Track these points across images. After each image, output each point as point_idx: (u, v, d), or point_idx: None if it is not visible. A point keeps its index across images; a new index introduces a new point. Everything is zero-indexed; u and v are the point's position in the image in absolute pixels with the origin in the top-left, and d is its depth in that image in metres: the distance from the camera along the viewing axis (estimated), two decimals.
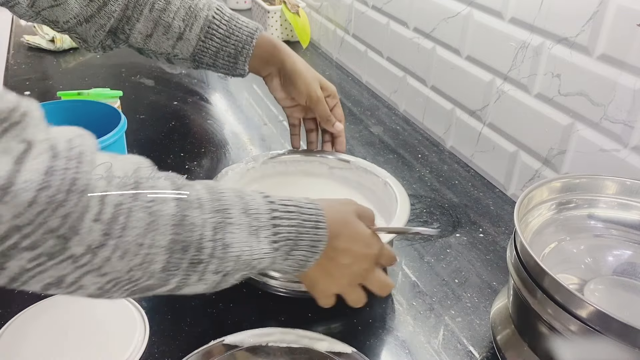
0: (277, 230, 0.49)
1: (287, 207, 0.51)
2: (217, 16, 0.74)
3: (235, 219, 0.46)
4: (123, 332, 0.63)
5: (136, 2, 0.72)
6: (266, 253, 0.49)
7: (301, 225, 0.51)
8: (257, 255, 0.48)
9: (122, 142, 0.76)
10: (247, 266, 0.48)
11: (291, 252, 0.51)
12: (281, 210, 0.50)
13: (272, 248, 0.49)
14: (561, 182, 0.65)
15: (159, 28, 0.73)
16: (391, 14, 1.20)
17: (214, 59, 0.75)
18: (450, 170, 1.01)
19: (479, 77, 0.96)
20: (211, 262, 0.45)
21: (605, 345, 0.47)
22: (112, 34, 0.74)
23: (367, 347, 0.64)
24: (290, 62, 0.76)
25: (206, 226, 0.44)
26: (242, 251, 0.47)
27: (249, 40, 0.75)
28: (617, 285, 0.61)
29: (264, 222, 0.49)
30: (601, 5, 0.72)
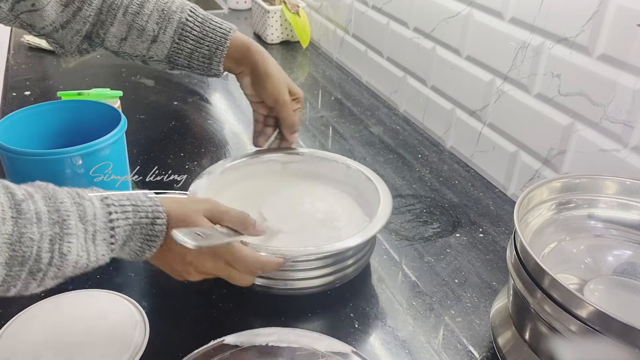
0: (114, 232, 0.52)
1: (124, 207, 0.54)
2: (190, 18, 0.75)
3: (72, 228, 0.49)
4: (123, 332, 0.63)
5: (110, 6, 0.72)
6: (103, 254, 0.52)
7: (137, 223, 0.54)
8: (94, 258, 0.51)
9: (122, 142, 0.76)
10: (86, 267, 0.51)
11: (125, 244, 0.54)
12: (119, 212, 0.53)
13: (109, 249, 0.53)
14: (561, 182, 0.65)
15: (133, 31, 0.74)
16: (391, 14, 1.20)
17: (188, 60, 0.76)
18: (450, 170, 1.01)
19: (479, 77, 0.96)
20: (49, 270, 0.48)
21: (605, 345, 0.47)
22: (87, 38, 0.75)
23: (367, 347, 0.64)
24: (263, 64, 0.77)
25: (43, 239, 0.47)
26: (78, 257, 0.49)
27: (222, 41, 0.76)
28: (617, 285, 0.61)
29: (101, 225, 0.51)
30: (601, 5, 0.72)
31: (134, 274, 0.73)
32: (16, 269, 0.46)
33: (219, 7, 1.92)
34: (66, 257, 0.48)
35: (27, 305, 0.65)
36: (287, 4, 1.52)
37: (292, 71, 1.46)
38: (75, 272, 0.51)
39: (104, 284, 0.71)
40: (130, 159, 0.79)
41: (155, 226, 0.55)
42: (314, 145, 1.08)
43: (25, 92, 1.21)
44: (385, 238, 0.82)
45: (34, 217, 0.47)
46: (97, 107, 0.81)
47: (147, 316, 0.65)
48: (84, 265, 0.50)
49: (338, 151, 1.05)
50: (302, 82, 1.39)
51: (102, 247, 0.52)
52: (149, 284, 0.71)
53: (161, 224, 0.55)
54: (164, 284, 0.71)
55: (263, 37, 1.62)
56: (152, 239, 0.55)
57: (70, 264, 0.49)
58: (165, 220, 0.56)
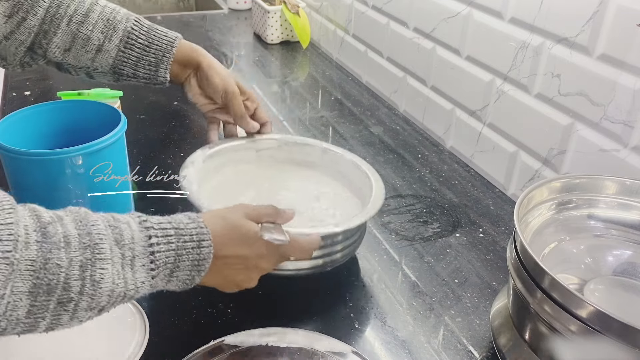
0: (154, 257, 0.49)
1: (165, 230, 0.50)
2: (135, 27, 0.74)
3: (106, 253, 0.45)
4: (123, 332, 0.63)
5: (53, 15, 0.71)
6: (143, 282, 0.48)
7: (182, 248, 0.51)
8: (132, 286, 0.48)
9: (122, 142, 0.76)
10: (124, 297, 0.48)
11: (173, 275, 0.51)
12: (160, 235, 0.50)
13: (149, 276, 0.49)
14: (561, 182, 0.65)
15: (78, 41, 0.72)
16: (391, 14, 1.20)
17: (134, 69, 0.76)
18: (450, 170, 1.01)
19: (479, 77, 0.96)
20: (81, 299, 0.44)
21: (605, 345, 0.47)
22: (29, 50, 0.73)
23: (367, 347, 0.64)
24: (207, 61, 0.77)
25: (73, 265, 0.43)
26: (115, 285, 0.46)
27: (169, 48, 0.75)
28: (617, 285, 0.61)
29: (140, 250, 0.48)
30: (601, 5, 0.72)
31: None
32: (42, 298, 0.42)
33: (219, 7, 1.91)
34: (99, 284, 0.44)
35: None
36: (287, 4, 1.52)
37: (292, 71, 1.46)
38: (112, 303, 0.47)
39: None
40: (130, 159, 0.79)
41: (202, 249, 0.52)
42: None
43: (25, 92, 1.21)
44: (385, 238, 0.82)
45: (61, 240, 0.43)
46: (97, 107, 0.81)
47: (147, 316, 0.65)
48: (121, 295, 0.47)
49: None
50: (302, 82, 1.39)
51: (142, 273, 0.48)
52: None
53: (207, 246, 0.52)
54: None
55: (263, 37, 1.62)
56: (201, 264, 0.52)
57: (105, 293, 0.45)
58: (210, 242, 0.52)
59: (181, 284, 0.53)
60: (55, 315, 0.43)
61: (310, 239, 0.61)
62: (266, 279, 0.60)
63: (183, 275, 0.52)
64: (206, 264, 0.52)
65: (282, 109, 1.23)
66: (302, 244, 0.61)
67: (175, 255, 0.50)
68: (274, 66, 1.47)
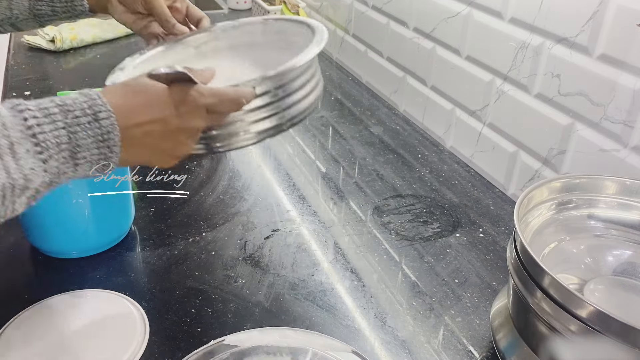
0: (38, 139, 0.45)
1: (46, 109, 0.46)
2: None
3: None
4: (123, 332, 0.63)
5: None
6: (33, 169, 0.44)
7: (74, 124, 0.47)
8: (18, 175, 0.43)
9: None
10: (14, 188, 0.44)
11: (77, 156, 0.47)
12: (39, 116, 0.45)
13: (39, 160, 0.45)
14: (561, 182, 0.65)
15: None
16: (391, 14, 1.20)
17: (51, 5, 0.73)
18: (450, 170, 1.01)
19: (479, 77, 0.96)
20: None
21: (605, 345, 0.47)
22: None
23: (367, 347, 0.64)
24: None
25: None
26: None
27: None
28: (617, 285, 0.61)
29: (18, 135, 0.44)
30: (601, 5, 0.72)
31: (134, 274, 0.73)
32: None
33: (219, 7, 1.92)
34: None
35: (27, 305, 0.65)
36: (287, 4, 1.52)
37: None
38: (5, 197, 0.43)
39: (104, 284, 0.71)
40: None
41: (101, 122, 0.48)
42: (315, 145, 1.08)
43: (25, 92, 1.21)
44: (385, 238, 0.82)
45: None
46: None
47: (147, 316, 0.65)
48: (9, 187, 0.43)
49: (338, 151, 1.06)
50: None
51: (28, 160, 0.44)
52: (149, 284, 0.71)
53: (106, 117, 0.48)
54: (164, 284, 0.71)
55: None
56: (106, 138, 0.48)
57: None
58: (110, 112, 0.48)
59: (98, 166, 0.49)
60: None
61: (239, 88, 0.57)
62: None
63: (91, 155, 0.48)
64: (113, 137, 0.48)
65: None
66: (228, 93, 0.55)
67: (67, 134, 0.46)
68: None
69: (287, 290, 0.71)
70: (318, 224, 0.84)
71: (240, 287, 0.71)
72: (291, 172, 0.98)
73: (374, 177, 0.97)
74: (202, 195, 0.90)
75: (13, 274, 0.72)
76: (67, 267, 0.73)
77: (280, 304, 0.69)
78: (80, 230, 0.72)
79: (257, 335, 0.61)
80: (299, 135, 1.11)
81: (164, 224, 0.82)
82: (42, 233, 0.73)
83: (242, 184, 0.94)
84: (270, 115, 0.61)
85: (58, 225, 0.71)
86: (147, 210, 0.85)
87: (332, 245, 0.80)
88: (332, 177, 0.97)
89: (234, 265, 0.75)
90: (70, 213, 0.71)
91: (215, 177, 0.95)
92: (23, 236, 0.76)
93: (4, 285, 0.70)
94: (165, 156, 0.55)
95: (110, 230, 0.76)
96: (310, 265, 0.76)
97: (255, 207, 0.87)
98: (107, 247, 0.76)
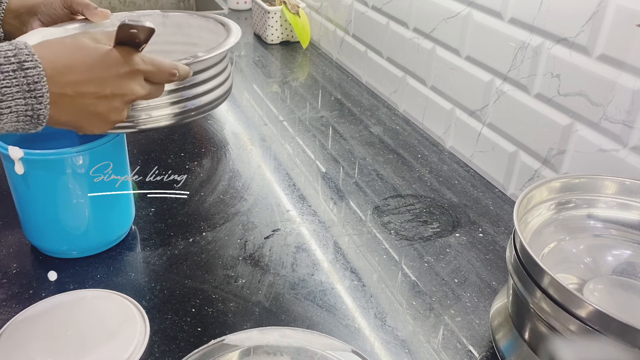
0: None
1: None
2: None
3: None
4: (123, 332, 0.63)
5: None
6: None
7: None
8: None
9: (122, 142, 0.76)
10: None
11: (0, 106, 0.46)
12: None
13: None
14: (560, 182, 0.65)
15: None
16: (391, 14, 1.20)
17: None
18: (450, 170, 1.01)
19: (479, 77, 0.96)
20: None
21: (604, 345, 0.47)
22: None
23: (367, 347, 0.64)
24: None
25: None
26: None
27: None
28: (616, 285, 0.61)
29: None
30: (601, 5, 0.72)
31: (134, 274, 0.73)
32: None
33: (219, 7, 1.92)
34: None
35: (26, 306, 0.66)
36: (287, 4, 1.52)
37: (292, 71, 1.46)
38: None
39: (104, 283, 0.71)
40: (130, 159, 0.79)
41: (27, 71, 0.46)
42: (315, 145, 1.08)
43: None
44: (385, 238, 0.82)
45: None
46: None
47: (147, 316, 0.65)
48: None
49: (338, 151, 1.06)
50: (302, 82, 1.39)
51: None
52: (149, 284, 0.71)
53: (33, 67, 0.46)
54: (164, 283, 0.71)
55: (263, 38, 1.62)
56: (33, 88, 0.46)
57: None
58: (37, 62, 0.47)
59: (24, 117, 0.47)
60: None
61: (176, 62, 0.57)
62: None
63: (16, 105, 0.46)
64: (40, 87, 0.47)
65: (282, 109, 1.23)
66: (165, 63, 0.55)
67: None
68: (274, 66, 1.47)
69: (287, 290, 0.71)
70: (318, 224, 0.85)
71: (240, 286, 0.71)
72: (291, 172, 0.99)
73: (374, 177, 0.97)
74: (202, 195, 0.90)
75: (13, 274, 0.72)
76: (67, 267, 0.73)
77: (280, 303, 0.69)
78: (80, 230, 0.73)
79: (257, 335, 0.61)
80: (299, 135, 1.11)
81: (164, 223, 0.82)
82: (42, 233, 0.73)
83: (242, 184, 0.94)
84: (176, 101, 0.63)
85: (58, 225, 0.71)
86: (147, 210, 0.85)
87: (332, 245, 0.80)
88: (332, 177, 0.97)
89: (234, 265, 0.75)
90: (70, 213, 0.71)
91: (215, 177, 0.95)
92: (23, 236, 0.76)
93: (4, 285, 0.70)
94: (98, 120, 0.54)
95: (110, 230, 0.76)
96: (310, 265, 0.76)
97: (256, 207, 0.87)
98: (107, 247, 0.76)
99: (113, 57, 0.52)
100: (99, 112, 0.53)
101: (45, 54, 0.48)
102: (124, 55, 0.53)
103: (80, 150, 0.68)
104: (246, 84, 1.34)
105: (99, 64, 0.51)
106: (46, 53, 0.48)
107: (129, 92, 0.54)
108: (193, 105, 0.65)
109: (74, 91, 0.50)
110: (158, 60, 0.56)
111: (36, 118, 0.48)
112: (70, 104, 0.50)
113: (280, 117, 1.18)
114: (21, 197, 0.71)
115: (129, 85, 0.53)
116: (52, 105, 0.49)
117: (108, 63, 0.52)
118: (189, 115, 0.65)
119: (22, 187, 0.69)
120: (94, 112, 0.53)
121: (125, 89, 0.53)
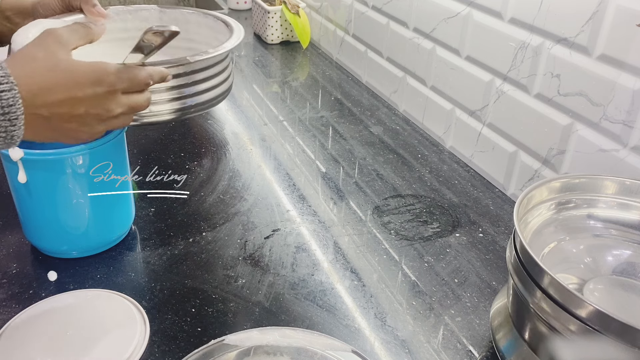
0: None
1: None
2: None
3: None
4: (123, 332, 0.63)
5: None
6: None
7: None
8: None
9: (122, 142, 0.76)
10: None
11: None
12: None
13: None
14: (560, 182, 0.65)
15: None
16: (391, 14, 1.20)
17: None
18: (450, 170, 1.01)
19: (479, 77, 0.96)
20: None
21: (604, 345, 0.47)
22: None
23: (367, 347, 0.64)
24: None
25: None
26: None
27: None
28: (616, 285, 0.61)
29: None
30: (601, 5, 0.72)
31: (134, 274, 0.73)
32: None
33: (219, 7, 1.92)
34: None
35: (26, 305, 0.65)
36: (287, 4, 1.52)
37: (292, 71, 1.46)
38: None
39: (104, 284, 0.71)
40: (130, 159, 0.79)
41: (1, 94, 0.46)
42: (315, 145, 1.08)
43: None
44: (385, 238, 0.82)
45: None
46: None
47: (147, 316, 0.65)
48: None
49: (338, 151, 1.06)
50: (302, 82, 1.39)
51: None
52: (149, 284, 0.71)
53: (9, 89, 0.46)
54: (164, 283, 0.71)
55: (263, 38, 1.62)
56: (8, 111, 0.46)
57: None
58: (12, 83, 0.46)
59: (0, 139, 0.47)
60: None
61: (150, 69, 0.56)
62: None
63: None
64: (15, 110, 0.47)
65: (282, 109, 1.23)
66: (138, 76, 0.55)
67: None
68: (274, 66, 1.47)
69: (287, 290, 0.71)
70: (318, 224, 0.85)
71: (240, 286, 0.71)
72: (291, 172, 0.99)
73: (374, 177, 0.97)
74: (202, 195, 0.90)
75: (13, 274, 0.72)
76: (67, 267, 0.73)
77: (280, 303, 0.69)
78: (80, 230, 0.73)
79: (257, 335, 0.61)
80: (299, 135, 1.11)
81: (164, 223, 0.82)
82: (42, 233, 0.73)
83: (242, 184, 0.94)
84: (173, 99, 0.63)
85: (58, 225, 0.71)
86: (147, 210, 0.85)
87: (332, 245, 0.80)
88: (332, 177, 0.97)
89: (234, 265, 0.75)
90: (70, 213, 0.71)
91: (215, 177, 0.95)
92: (23, 236, 0.76)
93: (4, 285, 0.70)
94: (72, 139, 0.54)
95: (110, 230, 0.76)
96: (310, 265, 0.76)
97: (255, 207, 0.87)
98: (107, 247, 0.76)
99: (89, 77, 0.52)
100: (73, 129, 0.53)
101: (21, 75, 0.48)
102: (99, 74, 0.53)
103: (80, 150, 0.68)
104: (246, 84, 1.34)
105: (74, 85, 0.51)
106: (22, 74, 0.48)
107: (103, 112, 0.54)
108: (193, 102, 0.65)
109: (48, 112, 0.50)
110: (132, 73, 0.55)
111: (10, 139, 0.48)
112: (44, 123, 0.50)
113: (280, 117, 1.18)
114: (21, 197, 0.71)
115: (104, 105, 0.53)
116: (26, 126, 0.49)
117: (83, 83, 0.52)
118: (188, 112, 0.65)
119: (22, 188, 0.69)
120: (68, 129, 0.53)
121: (99, 108, 0.53)
